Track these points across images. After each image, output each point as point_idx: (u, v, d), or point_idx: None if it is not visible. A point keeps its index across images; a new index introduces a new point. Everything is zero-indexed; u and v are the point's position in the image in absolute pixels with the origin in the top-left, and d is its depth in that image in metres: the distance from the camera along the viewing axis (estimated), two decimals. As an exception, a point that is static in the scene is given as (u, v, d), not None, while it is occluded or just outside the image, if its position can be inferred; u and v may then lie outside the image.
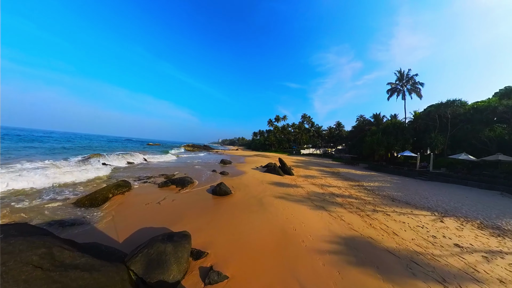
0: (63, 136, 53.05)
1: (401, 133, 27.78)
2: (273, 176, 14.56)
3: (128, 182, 9.52)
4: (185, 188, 10.15)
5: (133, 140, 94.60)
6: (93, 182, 9.97)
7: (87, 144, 36.42)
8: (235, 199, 8.61)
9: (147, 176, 12.58)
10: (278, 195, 9.63)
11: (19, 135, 40.20)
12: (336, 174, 20.11)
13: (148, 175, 13.03)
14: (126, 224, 5.68)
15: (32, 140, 30.94)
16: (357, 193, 11.58)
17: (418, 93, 36.65)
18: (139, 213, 6.70)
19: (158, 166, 18.11)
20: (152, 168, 16.16)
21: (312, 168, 24.14)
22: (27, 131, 68.14)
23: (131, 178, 11.68)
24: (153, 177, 12.36)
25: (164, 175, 13.34)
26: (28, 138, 33.47)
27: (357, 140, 44.96)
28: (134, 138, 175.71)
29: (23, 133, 51.78)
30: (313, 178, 15.41)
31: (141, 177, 12.08)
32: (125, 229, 5.34)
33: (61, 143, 31.29)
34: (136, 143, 62.35)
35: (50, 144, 28.10)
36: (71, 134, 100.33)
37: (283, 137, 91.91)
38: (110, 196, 7.75)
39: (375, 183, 15.80)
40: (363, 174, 21.67)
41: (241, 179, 13.01)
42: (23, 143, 26.18)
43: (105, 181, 10.37)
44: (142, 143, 69.11)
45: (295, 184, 12.62)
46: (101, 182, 10.21)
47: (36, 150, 20.42)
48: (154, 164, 18.73)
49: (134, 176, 12.34)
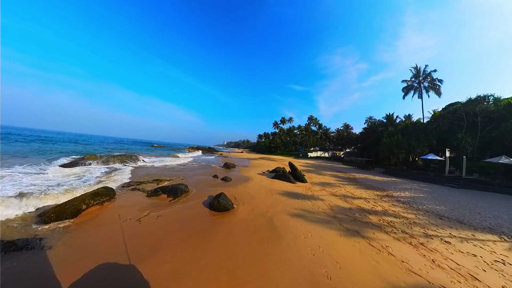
0: (67, 137, 52.33)
1: (422, 134, 25.04)
2: (283, 184, 12.35)
3: (112, 189, 7.89)
4: (177, 199, 8.17)
5: (138, 142, 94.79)
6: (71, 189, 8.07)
7: (89, 144, 35.17)
8: (237, 218, 6.47)
9: (138, 181, 10.75)
10: (294, 211, 7.41)
11: (19, 135, 39.52)
12: (354, 180, 17.68)
13: (139, 179, 11.25)
14: (85, 254, 4.09)
15: (31, 141, 29.76)
16: (391, 208, 9.23)
17: (437, 90, 33.73)
18: (109, 235, 4.93)
19: (155, 169, 16.29)
20: (148, 172, 14.36)
21: (325, 173, 21.72)
22: (35, 131, 68.18)
23: (119, 183, 9.95)
24: (144, 183, 10.57)
25: (158, 180, 11.50)
26: (28, 139, 32.46)
27: (369, 142, 42.14)
28: (140, 140, 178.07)
29: (25, 133, 51.44)
30: (330, 187, 13.08)
31: (131, 183, 10.32)
32: (80, 264, 3.73)
33: (57, 144, 30.02)
34: (140, 145, 61.87)
35: (50, 145, 26.77)
36: (81, 136, 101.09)
37: (289, 140, 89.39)
38: (84, 207, 6.22)
39: (404, 192, 13.34)
40: (384, 180, 19.13)
41: (246, 188, 10.87)
42: (21, 144, 24.88)
43: (90, 187, 8.57)
44: (147, 144, 68.60)
45: (311, 195, 10.34)
46: (84, 188, 8.35)
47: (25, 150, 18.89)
48: (152, 167, 16.93)
49: (123, 181, 10.55)
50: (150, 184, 10.52)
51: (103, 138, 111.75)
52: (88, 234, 4.96)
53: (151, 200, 7.95)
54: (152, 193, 8.52)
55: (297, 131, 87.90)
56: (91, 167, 13.81)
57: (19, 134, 43.24)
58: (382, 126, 45.10)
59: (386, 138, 26.59)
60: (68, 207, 5.85)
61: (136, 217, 6.11)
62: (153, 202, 7.59)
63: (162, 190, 8.76)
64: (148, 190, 8.93)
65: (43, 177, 9.49)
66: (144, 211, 6.63)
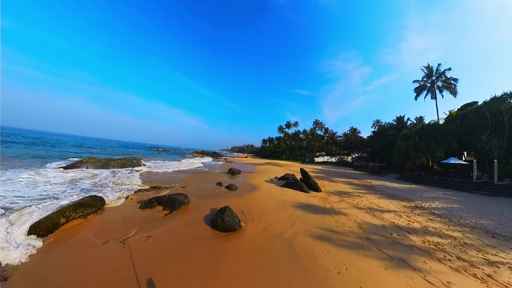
0: (73, 140, 51.84)
1: (441, 136, 23.20)
2: (295, 194, 10.91)
3: (100, 199, 6.95)
4: (174, 212, 6.95)
5: (143, 146, 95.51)
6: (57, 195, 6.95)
7: (93, 147, 34.47)
8: (246, 242, 5.10)
9: (133, 188, 9.71)
10: (316, 231, 5.97)
11: (26, 137, 39.23)
12: (372, 188, 16.03)
13: (136, 186, 10.16)
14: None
15: (32, 143, 29.17)
16: (430, 223, 7.67)
17: (453, 89, 31.89)
18: (81, 264, 3.86)
19: (155, 174, 15.17)
20: (147, 177, 13.28)
21: (338, 180, 20.06)
22: (40, 133, 68.66)
23: (112, 190, 8.88)
24: (141, 191, 9.48)
25: (156, 188, 10.39)
26: (27, 141, 32.01)
27: (380, 146, 40.22)
28: (146, 144, 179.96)
29: (32, 135, 51.38)
30: (349, 197, 11.53)
31: (126, 190, 9.24)
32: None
33: (59, 146, 29.36)
34: (145, 149, 62.00)
35: (51, 148, 26.09)
36: (87, 138, 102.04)
37: (294, 144, 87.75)
38: (63, 221, 5.25)
39: (434, 202, 11.68)
40: (404, 188, 17.39)
41: (254, 198, 9.50)
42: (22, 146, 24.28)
43: (78, 195, 7.55)
44: (153, 148, 68.61)
45: (331, 208, 8.84)
46: (71, 198, 7.30)
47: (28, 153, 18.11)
48: (152, 172, 15.80)
49: (118, 187, 9.52)
50: (146, 192, 9.40)
51: (109, 141, 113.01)
52: (56, 260, 3.88)
53: (144, 212, 6.79)
54: (146, 204, 7.35)
55: (302, 136, 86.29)
56: (87, 171, 12.86)
57: (26, 136, 42.95)
58: (393, 129, 43.18)
59: (401, 141, 24.82)
60: (43, 220, 4.92)
61: (121, 236, 4.92)
62: (146, 216, 6.41)
63: (158, 201, 7.58)
64: (143, 200, 7.77)
65: (29, 182, 8.50)
66: (133, 228, 5.44)
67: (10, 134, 42.28)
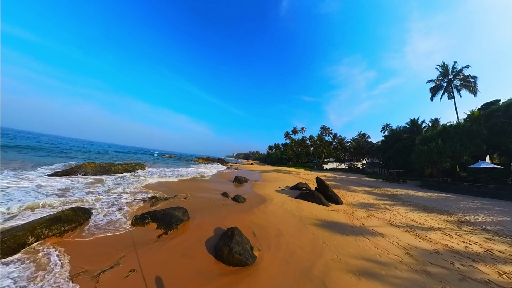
0: (80, 144, 51.89)
1: (467, 138, 21.14)
2: (313, 207, 9.39)
3: (86, 211, 6.05)
4: (170, 233, 5.69)
5: (150, 151, 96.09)
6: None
7: (99, 153, 33.96)
8: (264, 283, 3.69)
9: (129, 197, 8.62)
10: (355, 264, 4.47)
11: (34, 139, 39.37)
12: (396, 198, 14.22)
13: (132, 195, 9.06)
14: None
15: (32, 147, 28.90)
16: (491, 245, 6.00)
17: (473, 88, 29.74)
18: None
19: (156, 181, 13.92)
20: (147, 185, 12.16)
21: (355, 189, 18.25)
22: (54, 138, 69.64)
23: (102, 200, 7.81)
24: (136, 200, 8.36)
25: (154, 198, 9.23)
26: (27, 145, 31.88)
27: (394, 151, 37.97)
28: (153, 149, 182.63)
29: (42, 138, 51.92)
30: (376, 210, 9.87)
31: (120, 199, 8.18)
32: None
33: (62, 150, 28.93)
34: (150, 154, 62.18)
35: (52, 151, 25.65)
36: (99, 144, 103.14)
37: (301, 151, 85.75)
38: (31, 240, 4.22)
39: (478, 215, 9.86)
40: (432, 197, 15.46)
41: (266, 213, 8.07)
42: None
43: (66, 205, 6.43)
44: (159, 154, 68.61)
45: (361, 226, 7.24)
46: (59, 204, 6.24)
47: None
48: (153, 179, 14.62)
49: (110, 196, 8.52)
50: (142, 203, 8.24)
51: (118, 146, 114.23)
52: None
53: (135, 231, 5.60)
54: (138, 220, 6.14)
55: (309, 142, 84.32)
56: (83, 177, 12.06)
57: (41, 141, 42.82)
58: (407, 132, 40.95)
59: (421, 144, 22.85)
60: (7, 238, 3.92)
61: (97, 268, 3.71)
62: (135, 236, 5.23)
63: (152, 217, 6.34)
64: (136, 214, 6.62)
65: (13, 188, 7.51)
66: (116, 254, 4.25)
67: (16, 137, 42.54)
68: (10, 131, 75.91)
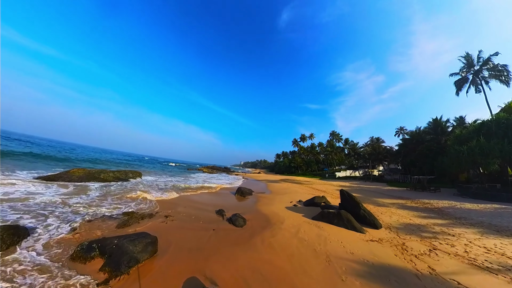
0: (86, 151, 50.74)
1: (513, 136, 17.46)
2: (343, 235, 6.45)
3: (22, 231, 4.56)
4: (113, 281, 3.18)
5: (156, 160, 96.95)
6: None
7: (103, 161, 32.43)
8: None
9: (96, 214, 6.83)
10: None
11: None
12: (445, 214, 10.92)
13: (102, 211, 7.32)
14: None
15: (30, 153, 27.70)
16: None
17: (506, 78, 25.99)
18: None
19: (144, 192, 11.40)
20: (131, 196, 10.12)
21: (384, 202, 14.77)
22: (71, 145, 70.02)
23: (59, 216, 6.16)
24: (104, 217, 6.54)
25: (128, 215, 7.36)
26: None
27: (417, 155, 33.99)
28: (160, 158, 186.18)
29: (57, 145, 51.54)
30: (435, 237, 6.72)
31: (84, 215, 6.61)
32: None
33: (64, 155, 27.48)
34: (155, 163, 60.76)
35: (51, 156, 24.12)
36: (107, 151, 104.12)
37: (311, 158, 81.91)
38: None
39: None
40: (488, 209, 12.00)
41: (274, 248, 5.30)
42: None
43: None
44: (165, 163, 68.85)
45: (430, 273, 4.13)
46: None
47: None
48: (144, 189, 12.45)
49: (77, 209, 7.01)
50: (111, 221, 6.06)
51: (127, 154, 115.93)
52: None
53: (70, 270, 3.48)
54: (82, 251, 4.13)
55: (318, 149, 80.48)
56: (62, 184, 10.85)
57: (53, 146, 42.04)
58: (430, 133, 36.98)
59: (457, 145, 19.26)
60: None
61: None
62: (68, 281, 2.67)
63: (101, 249, 4.21)
64: (84, 241, 4.31)
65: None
66: None
67: (33, 144, 42.09)
68: (36, 138, 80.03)
